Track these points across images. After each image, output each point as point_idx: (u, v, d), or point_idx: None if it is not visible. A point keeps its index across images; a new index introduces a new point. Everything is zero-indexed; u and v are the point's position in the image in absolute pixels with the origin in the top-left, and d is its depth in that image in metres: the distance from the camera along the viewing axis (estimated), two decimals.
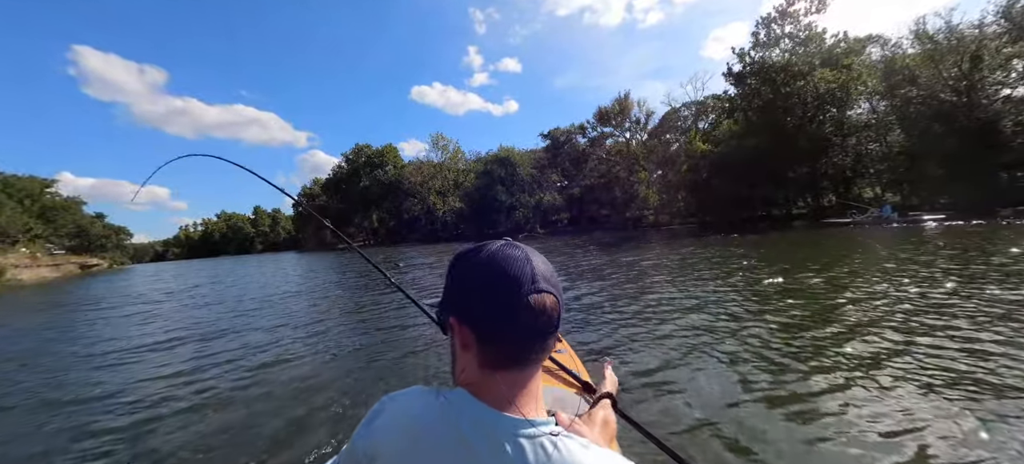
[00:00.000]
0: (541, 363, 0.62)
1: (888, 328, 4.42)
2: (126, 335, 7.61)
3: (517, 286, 0.57)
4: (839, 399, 3.02)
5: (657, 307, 6.28)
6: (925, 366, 3.42)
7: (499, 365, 0.59)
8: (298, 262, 32.58)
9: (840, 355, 3.81)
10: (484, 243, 0.64)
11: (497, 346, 0.58)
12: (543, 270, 0.60)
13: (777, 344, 4.22)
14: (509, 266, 0.58)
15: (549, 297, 0.58)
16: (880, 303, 5.48)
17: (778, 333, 4.56)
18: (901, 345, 3.91)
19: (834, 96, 29.44)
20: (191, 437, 3.27)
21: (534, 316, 0.57)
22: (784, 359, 3.82)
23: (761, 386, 3.34)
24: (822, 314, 5.15)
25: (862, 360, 3.65)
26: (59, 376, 5.25)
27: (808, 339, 4.32)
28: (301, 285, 14.28)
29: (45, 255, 45.59)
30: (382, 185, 69.51)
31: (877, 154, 30.55)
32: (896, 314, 4.90)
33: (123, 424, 3.61)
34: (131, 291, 17.19)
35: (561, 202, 57.98)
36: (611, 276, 10.11)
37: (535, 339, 0.58)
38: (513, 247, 0.62)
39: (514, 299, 0.56)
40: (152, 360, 5.66)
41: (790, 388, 3.25)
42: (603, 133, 54.79)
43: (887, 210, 20.54)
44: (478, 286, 0.59)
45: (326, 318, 7.67)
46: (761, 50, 33.74)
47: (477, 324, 0.59)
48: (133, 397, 4.24)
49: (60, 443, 3.37)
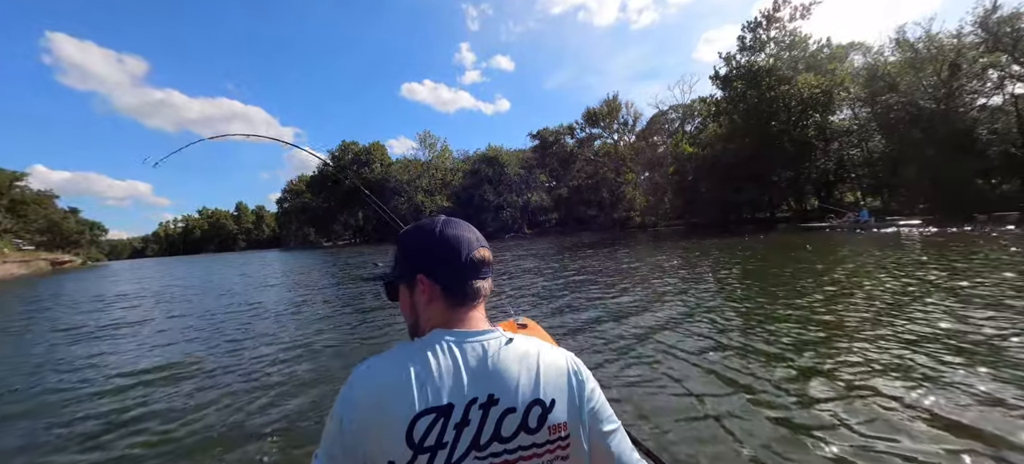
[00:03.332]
0: (483, 302, 0.85)
1: (865, 329, 4.29)
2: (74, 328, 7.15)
3: (469, 247, 0.82)
4: (827, 405, 2.91)
5: (651, 311, 6.08)
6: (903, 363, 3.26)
7: (459, 303, 0.81)
8: (284, 261, 31.79)
9: (825, 358, 3.75)
10: (431, 220, 0.86)
11: (456, 291, 0.81)
12: (478, 234, 0.86)
13: (763, 345, 4.05)
14: (461, 233, 0.83)
15: (485, 250, 0.84)
16: (861, 303, 5.38)
17: (764, 335, 4.39)
18: (879, 348, 3.79)
19: (818, 101, 29.76)
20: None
21: (477, 266, 0.82)
22: (773, 361, 3.66)
23: (741, 385, 3.35)
24: (804, 317, 5.00)
25: (842, 361, 3.51)
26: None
27: (788, 339, 4.18)
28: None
29: (13, 251, 43.80)
30: (368, 183, 68.51)
31: (858, 159, 31.00)
32: (875, 314, 4.78)
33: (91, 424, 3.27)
34: (95, 290, 16.45)
35: (549, 202, 57.85)
36: (605, 282, 9.90)
37: (480, 281, 0.83)
38: (452, 221, 0.86)
39: (466, 257, 0.81)
40: (90, 357, 5.27)
41: (769, 388, 3.13)
42: (591, 134, 54.87)
43: (864, 215, 20.61)
44: (439, 252, 0.82)
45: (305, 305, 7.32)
46: (747, 54, 33.99)
47: (443, 278, 0.81)
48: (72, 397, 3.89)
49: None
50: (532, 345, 0.79)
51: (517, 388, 0.74)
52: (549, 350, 0.80)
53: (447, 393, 0.71)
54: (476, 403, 0.72)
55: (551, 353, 0.80)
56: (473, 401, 0.72)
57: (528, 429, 0.73)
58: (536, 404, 0.74)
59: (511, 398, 0.73)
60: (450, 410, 0.70)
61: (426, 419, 0.69)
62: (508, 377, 0.74)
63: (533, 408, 0.74)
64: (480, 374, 0.74)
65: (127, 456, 3.00)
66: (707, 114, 41.24)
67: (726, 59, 35.07)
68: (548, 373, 0.77)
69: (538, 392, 0.75)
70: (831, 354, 3.87)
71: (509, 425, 0.72)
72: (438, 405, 0.70)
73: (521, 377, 0.75)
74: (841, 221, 21.25)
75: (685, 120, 47.17)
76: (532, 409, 0.74)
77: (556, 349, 0.83)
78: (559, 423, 0.75)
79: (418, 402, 0.70)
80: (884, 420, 2.70)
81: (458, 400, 0.71)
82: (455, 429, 0.70)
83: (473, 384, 0.73)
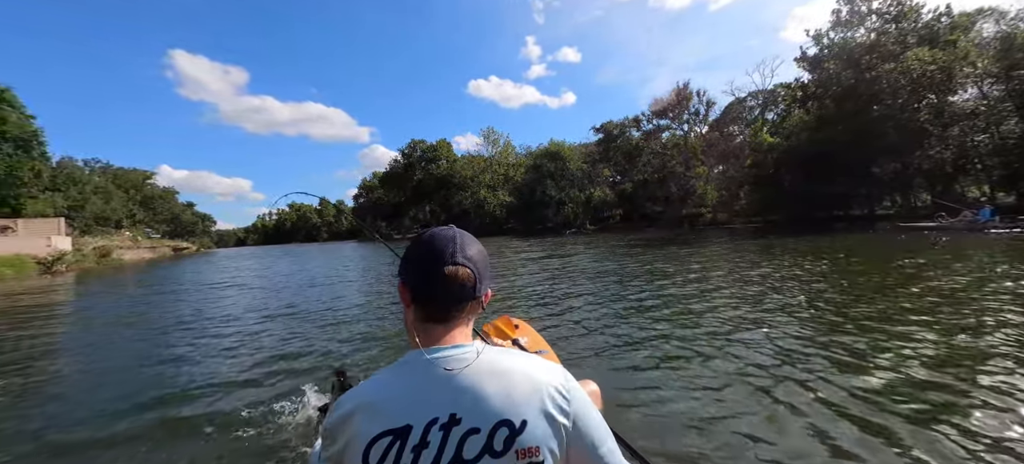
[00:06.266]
0: (464, 321, 0.77)
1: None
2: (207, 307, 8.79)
3: (439, 259, 0.73)
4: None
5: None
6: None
7: (428, 319, 0.75)
8: (354, 251, 34.22)
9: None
10: (435, 228, 0.79)
11: (425, 305, 0.75)
12: (467, 251, 0.75)
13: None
14: (435, 243, 0.75)
15: (463, 269, 0.74)
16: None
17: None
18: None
19: (933, 80, 25.51)
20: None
21: (447, 283, 0.73)
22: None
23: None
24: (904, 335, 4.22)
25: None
26: (154, 333, 6.58)
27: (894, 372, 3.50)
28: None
29: (144, 239, 51.74)
30: (435, 179, 71.33)
31: (987, 147, 26.14)
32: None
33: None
34: (216, 272, 18.85)
35: (612, 198, 56.06)
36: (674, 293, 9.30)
37: (452, 301, 0.74)
38: (446, 230, 0.78)
39: (434, 268, 0.73)
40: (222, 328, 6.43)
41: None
42: (659, 126, 52.21)
43: (986, 214, 16.96)
44: (413, 257, 0.77)
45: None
46: (842, 30, 30.15)
47: (412, 287, 0.76)
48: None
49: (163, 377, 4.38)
50: (508, 359, 0.73)
51: (483, 406, 0.67)
52: (528, 364, 0.73)
53: (405, 413, 0.67)
54: (437, 423, 0.66)
55: (529, 367, 0.72)
56: (433, 421, 0.66)
57: (492, 452, 0.66)
58: (503, 424, 0.67)
59: (475, 418, 0.67)
60: (408, 431, 0.65)
61: (383, 442, 0.65)
62: (474, 394, 0.68)
63: (499, 429, 0.67)
64: (443, 391, 0.68)
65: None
66: (792, 100, 37.35)
67: (815, 37, 31.46)
68: (521, 390, 0.69)
69: (507, 411, 0.67)
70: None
71: (472, 447, 0.66)
72: (394, 427, 0.66)
73: (489, 394, 0.68)
74: (954, 220, 17.87)
75: (766, 107, 43.16)
76: (498, 430, 0.67)
77: (539, 363, 0.75)
78: (529, 446, 0.67)
79: (377, 423, 0.66)
80: None
81: (417, 420, 0.66)
82: (413, 452, 0.65)
83: (435, 402, 0.67)
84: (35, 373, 4.75)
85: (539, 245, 25.88)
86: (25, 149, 31.87)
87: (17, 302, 11.17)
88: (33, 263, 21.27)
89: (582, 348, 4.56)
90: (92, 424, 3.23)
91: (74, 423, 3.28)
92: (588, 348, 4.54)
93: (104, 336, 6.55)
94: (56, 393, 4.03)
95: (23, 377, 4.57)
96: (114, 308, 9.52)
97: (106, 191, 50.67)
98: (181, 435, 3.01)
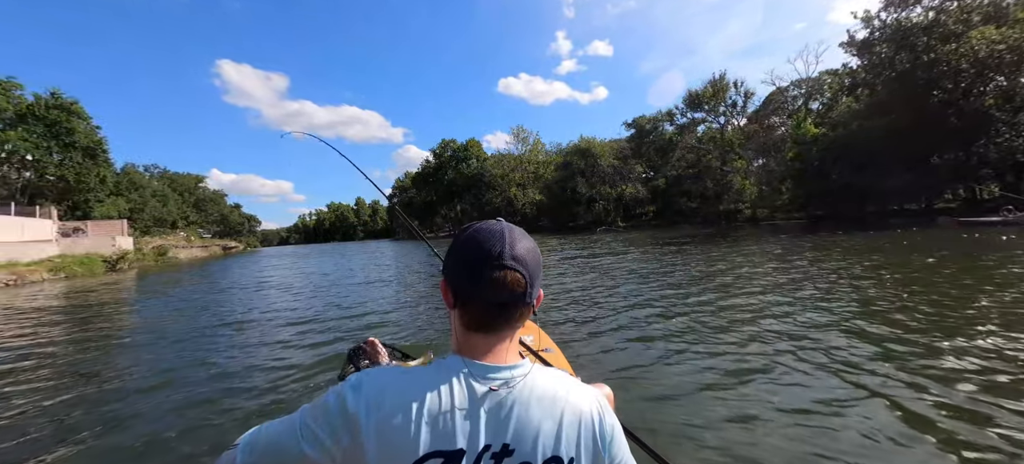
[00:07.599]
0: (511, 332, 0.71)
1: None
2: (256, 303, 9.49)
3: (485, 260, 0.66)
4: None
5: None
6: None
7: (472, 327, 0.69)
8: (388, 250, 35.12)
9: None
10: (485, 222, 0.71)
11: (469, 310, 0.68)
12: (516, 250, 0.67)
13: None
14: (482, 241, 0.67)
15: (512, 273, 0.66)
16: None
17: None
18: None
19: (1002, 60, 23.33)
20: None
21: (495, 288, 0.65)
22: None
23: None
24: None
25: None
26: (215, 324, 7.28)
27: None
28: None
29: (197, 238, 55.20)
30: (465, 178, 72.16)
31: None
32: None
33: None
34: (271, 269, 19.93)
35: (645, 194, 54.80)
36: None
37: (498, 309, 0.67)
38: (494, 223, 0.71)
39: (480, 271, 0.65)
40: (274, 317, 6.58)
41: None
42: (694, 119, 50.56)
43: None
44: (457, 255, 0.70)
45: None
46: (895, 10, 28.05)
47: (455, 288, 0.69)
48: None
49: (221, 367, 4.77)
50: (558, 385, 0.69)
51: (536, 440, 0.65)
52: (570, 391, 0.69)
53: (459, 437, 0.63)
54: (489, 452, 0.63)
55: (576, 395, 0.69)
56: (486, 449, 0.63)
57: None
58: (554, 461, 0.65)
59: (528, 451, 0.64)
60: (461, 456, 0.62)
61: (434, 462, 0.62)
62: (527, 426, 0.65)
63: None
64: (496, 418, 0.65)
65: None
66: (839, 88, 35.22)
67: (864, 19, 29.43)
68: (571, 423, 0.67)
69: (559, 447, 0.65)
70: None
71: None
72: (449, 449, 0.62)
73: (542, 426, 0.65)
74: (1018, 214, 16.38)
75: (810, 97, 40.89)
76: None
77: (581, 387, 0.72)
78: None
79: (428, 441, 0.62)
80: None
81: (471, 446, 0.63)
82: None
83: (488, 430, 0.64)
84: (124, 363, 5.19)
85: (573, 243, 25.67)
86: (92, 156, 34.62)
87: (91, 298, 12.19)
88: (100, 261, 23.14)
89: (630, 363, 4.03)
90: (170, 418, 3.45)
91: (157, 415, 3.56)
92: (633, 362, 4.04)
93: (185, 325, 7.22)
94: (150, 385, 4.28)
95: (109, 368, 4.99)
96: (189, 300, 10.50)
97: (163, 194, 54.41)
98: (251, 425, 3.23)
